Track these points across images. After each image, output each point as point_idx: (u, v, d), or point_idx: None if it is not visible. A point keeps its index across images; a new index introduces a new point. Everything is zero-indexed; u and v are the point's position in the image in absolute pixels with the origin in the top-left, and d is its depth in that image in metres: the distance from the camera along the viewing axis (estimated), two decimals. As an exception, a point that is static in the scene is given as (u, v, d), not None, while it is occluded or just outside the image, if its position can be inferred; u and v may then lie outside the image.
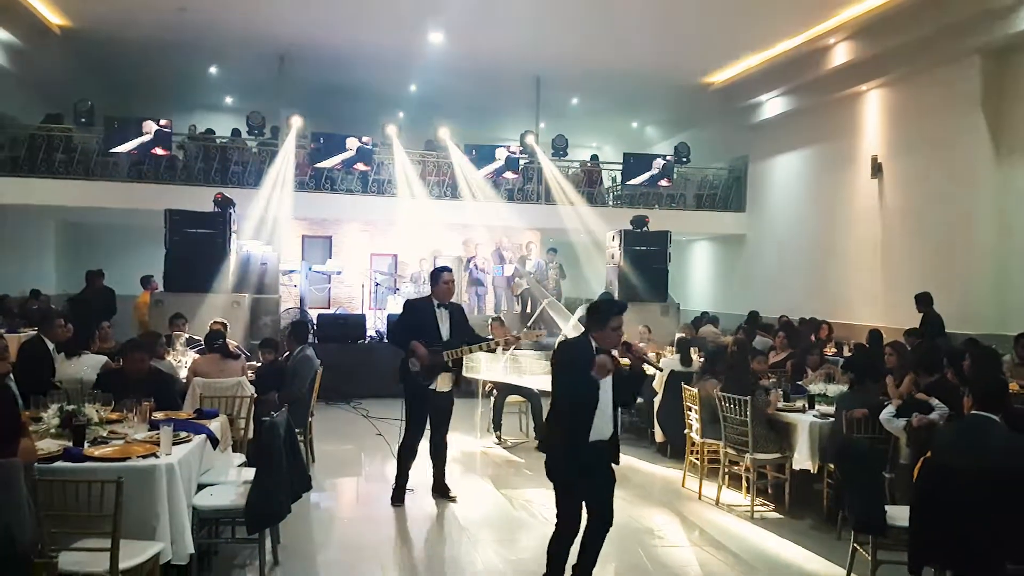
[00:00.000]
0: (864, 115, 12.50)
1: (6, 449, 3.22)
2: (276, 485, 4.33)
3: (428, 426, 6.02)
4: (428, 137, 15.01)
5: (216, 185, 12.63)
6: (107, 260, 12.80)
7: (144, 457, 3.92)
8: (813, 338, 10.83)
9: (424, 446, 6.05)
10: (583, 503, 4.01)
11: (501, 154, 14.37)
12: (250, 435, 5.77)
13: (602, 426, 3.95)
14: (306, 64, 13.82)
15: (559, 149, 15.19)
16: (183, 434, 4.38)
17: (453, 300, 6.12)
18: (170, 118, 13.35)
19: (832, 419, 5.58)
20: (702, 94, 15.59)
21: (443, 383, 5.88)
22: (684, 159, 15.72)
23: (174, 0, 11.22)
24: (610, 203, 15.99)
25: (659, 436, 7.87)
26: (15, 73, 11.90)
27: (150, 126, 12.81)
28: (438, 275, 6.03)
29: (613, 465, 4.09)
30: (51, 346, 6.50)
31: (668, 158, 15.23)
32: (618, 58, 13.58)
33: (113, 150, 12.80)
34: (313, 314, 11.85)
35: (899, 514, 4.08)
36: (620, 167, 15.61)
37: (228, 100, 17.18)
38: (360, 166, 13.68)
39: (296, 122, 13.26)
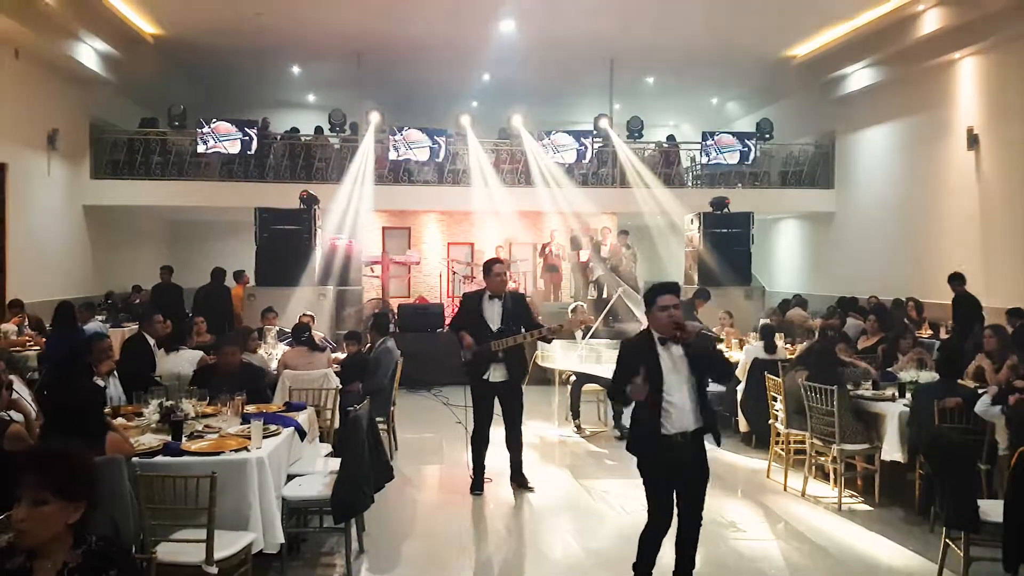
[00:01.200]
0: (957, 84, 11.79)
1: (95, 446, 3.45)
2: (360, 476, 4.50)
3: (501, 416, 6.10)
4: (502, 125, 15.04)
5: (301, 181, 13.07)
6: (205, 255, 13.52)
7: (237, 451, 4.13)
8: (907, 320, 10.40)
9: (500, 435, 6.13)
10: (672, 499, 3.87)
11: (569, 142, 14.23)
12: (336, 425, 5.99)
13: (681, 419, 3.75)
14: (383, 60, 14.07)
15: (634, 131, 14.95)
16: (273, 427, 4.60)
17: (520, 290, 6.16)
18: (257, 117, 13.88)
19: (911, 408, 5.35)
20: (784, 68, 15.03)
21: (496, 373, 5.91)
22: (767, 135, 15.23)
23: (253, 4, 11.63)
24: (689, 183, 15.66)
25: (743, 425, 7.71)
26: (112, 81, 12.61)
27: (236, 128, 13.33)
28: (489, 267, 6.06)
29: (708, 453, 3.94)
30: (152, 342, 6.90)
31: (748, 142, 14.67)
32: (694, 34, 13.24)
33: (207, 150, 13.39)
34: (394, 304, 12.12)
35: (994, 509, 3.90)
36: (698, 146, 15.23)
37: (311, 98, 17.66)
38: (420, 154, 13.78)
39: (374, 117, 13.55)
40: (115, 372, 5.48)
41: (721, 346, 8.87)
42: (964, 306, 9.07)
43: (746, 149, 14.70)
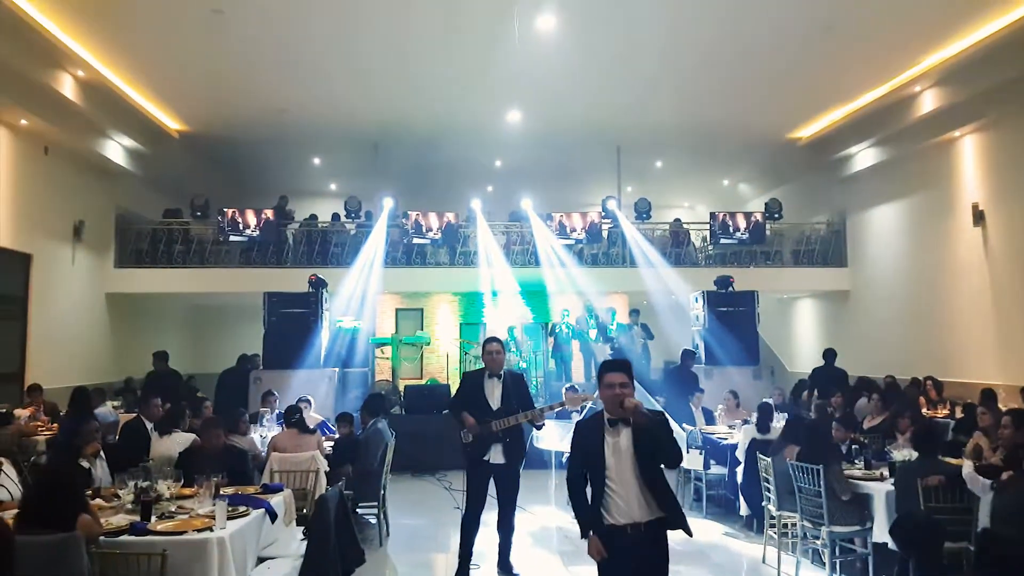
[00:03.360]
0: (960, 162, 11.87)
1: (66, 524, 3.54)
2: (326, 559, 4.49)
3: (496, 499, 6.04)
4: (513, 208, 15.42)
5: (318, 266, 13.41)
6: (224, 339, 13.80)
7: (200, 531, 4.16)
8: (923, 400, 10.16)
9: (494, 518, 6.05)
10: None
11: (578, 222, 14.53)
12: (319, 509, 5.98)
13: (628, 509, 3.50)
14: (398, 148, 14.64)
15: (642, 212, 15.20)
16: (242, 508, 4.63)
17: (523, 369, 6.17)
18: (276, 207, 14.42)
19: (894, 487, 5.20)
20: (791, 149, 15.31)
21: (495, 454, 5.86)
22: (776, 215, 15.35)
23: (277, 102, 12.30)
24: (702, 263, 15.74)
25: (744, 509, 7.53)
26: (138, 174, 13.24)
27: (256, 217, 13.85)
28: (484, 346, 6.11)
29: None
30: (149, 425, 7.04)
31: (755, 216, 14.87)
32: (699, 119, 13.62)
33: (228, 239, 13.89)
34: (403, 385, 12.19)
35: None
36: (707, 227, 15.39)
37: (332, 187, 18.31)
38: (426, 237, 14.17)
39: (388, 203, 14.00)
40: (102, 454, 5.58)
41: (719, 428, 8.76)
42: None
43: (755, 229, 14.80)
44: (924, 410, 9.71)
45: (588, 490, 3.66)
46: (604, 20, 9.65)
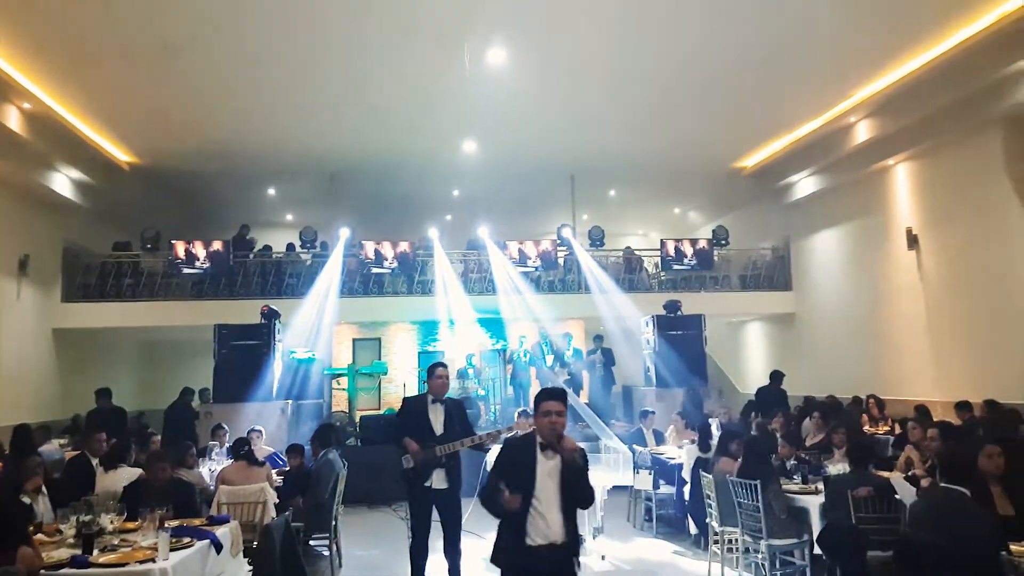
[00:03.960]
0: (894, 188, 12.40)
1: (3, 557, 3.53)
2: (271, 587, 4.50)
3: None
4: (471, 237, 15.58)
5: (272, 298, 13.33)
6: (176, 374, 13.58)
7: (142, 562, 4.16)
8: (866, 417, 10.50)
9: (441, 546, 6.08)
10: None
11: (532, 250, 14.80)
12: (268, 540, 5.96)
13: (548, 530, 3.62)
14: (355, 178, 14.71)
15: (596, 240, 15.49)
16: (186, 539, 4.63)
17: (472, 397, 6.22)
18: (228, 238, 14.35)
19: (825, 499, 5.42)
20: (737, 178, 15.79)
21: (438, 480, 5.86)
22: (723, 241, 15.78)
23: (229, 134, 12.29)
24: (654, 289, 16.06)
25: (692, 527, 7.68)
26: (86, 207, 13.07)
27: (206, 248, 13.77)
28: (432, 370, 6.07)
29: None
30: (94, 461, 6.94)
31: (702, 243, 15.28)
32: (649, 150, 13.99)
33: (179, 271, 13.78)
34: (359, 416, 12.16)
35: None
36: (659, 254, 15.74)
37: (289, 217, 18.26)
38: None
39: (344, 233, 14.05)
40: (43, 490, 5.51)
41: (670, 448, 8.95)
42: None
43: (703, 255, 15.21)
44: (867, 427, 10.05)
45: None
46: (553, 55, 9.94)
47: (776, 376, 11.73)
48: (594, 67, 10.37)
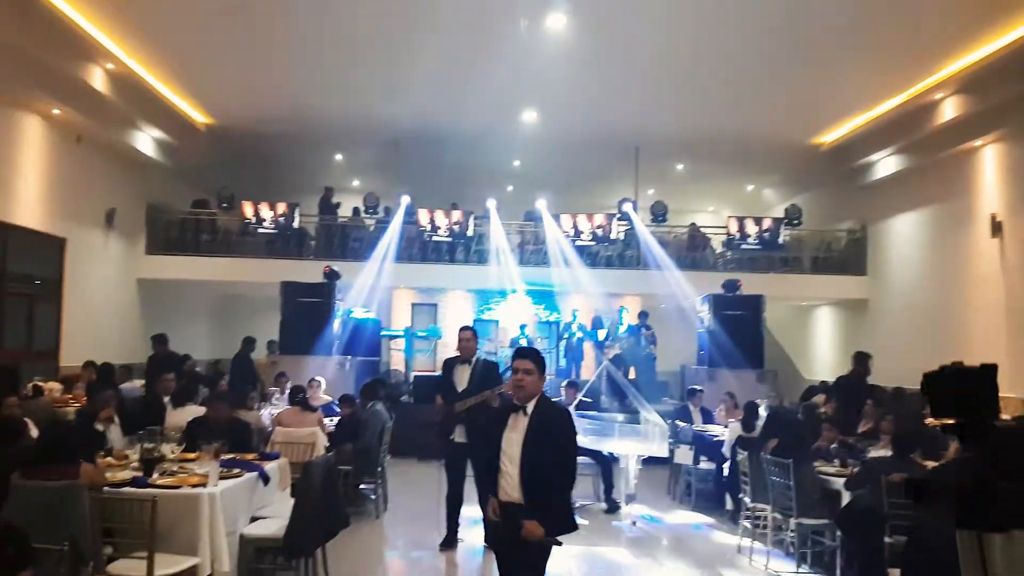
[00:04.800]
0: (980, 172, 11.83)
1: (68, 472, 3.95)
2: (309, 519, 4.82)
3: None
4: (530, 208, 15.68)
5: (336, 259, 13.83)
6: (249, 327, 14.25)
7: (194, 487, 4.54)
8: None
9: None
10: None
11: (588, 224, 14.80)
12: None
13: (509, 487, 3.67)
14: (418, 146, 14.94)
15: (658, 215, 15.36)
16: (236, 471, 5.00)
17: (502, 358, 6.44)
18: (300, 200, 14.92)
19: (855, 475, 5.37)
20: (813, 155, 15.27)
21: (459, 434, 6.23)
22: (795, 221, 15.39)
23: (301, 98, 12.72)
24: (720, 268, 15.82)
25: (729, 503, 7.73)
26: (167, 166, 13.80)
27: (281, 208, 14.38)
28: (459, 333, 6.49)
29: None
30: (166, 398, 7.48)
31: (765, 224, 14.90)
32: (719, 123, 13.62)
33: (254, 231, 14.45)
34: (413, 376, 12.57)
35: None
36: (724, 231, 15.48)
37: (355, 183, 18.74)
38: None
39: (405, 199, 14.39)
40: (116, 419, 6.01)
41: (717, 428, 8.94)
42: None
43: (771, 235, 14.89)
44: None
45: None
46: (617, 19, 9.70)
47: (861, 359, 10.89)
48: (661, 32, 10.03)
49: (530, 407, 3.69)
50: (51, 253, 11.19)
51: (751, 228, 14.99)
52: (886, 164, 14.06)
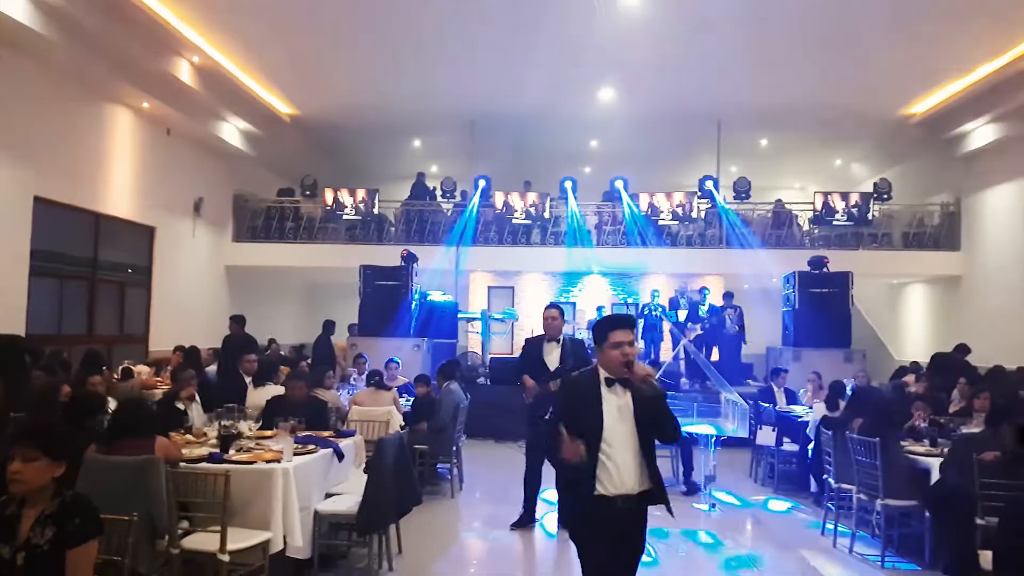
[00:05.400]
0: (1087, 138, 10.96)
1: (145, 445, 4.09)
2: (381, 496, 4.89)
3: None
4: (607, 188, 15.45)
5: (415, 244, 14.03)
6: (332, 311, 14.65)
7: (268, 462, 4.65)
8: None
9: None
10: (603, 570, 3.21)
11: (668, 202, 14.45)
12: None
13: (622, 478, 3.13)
14: (494, 130, 14.97)
15: (741, 192, 14.88)
16: (311, 447, 5.11)
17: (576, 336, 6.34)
18: (379, 186, 15.19)
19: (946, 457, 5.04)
20: (905, 126, 14.51)
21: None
22: (885, 196, 14.65)
23: (379, 86, 12.90)
24: (807, 245, 15.23)
25: (813, 485, 7.44)
26: (253, 156, 14.27)
27: (361, 194, 14.68)
28: (544, 312, 6.39)
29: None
30: (248, 379, 7.74)
31: (853, 200, 14.24)
32: (807, 94, 13.12)
33: (337, 218, 14.84)
34: (490, 358, 12.63)
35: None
36: (811, 207, 14.88)
37: (433, 168, 18.91)
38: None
39: (481, 183, 14.43)
40: (197, 398, 6.25)
41: (801, 408, 8.61)
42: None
43: (861, 210, 14.24)
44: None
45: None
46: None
47: (962, 349, 10.57)
48: (740, 2, 9.77)
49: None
50: (141, 241, 11.77)
51: (839, 203, 14.38)
52: (982, 133, 13.19)
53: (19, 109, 8.94)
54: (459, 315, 13.08)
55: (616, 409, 3.19)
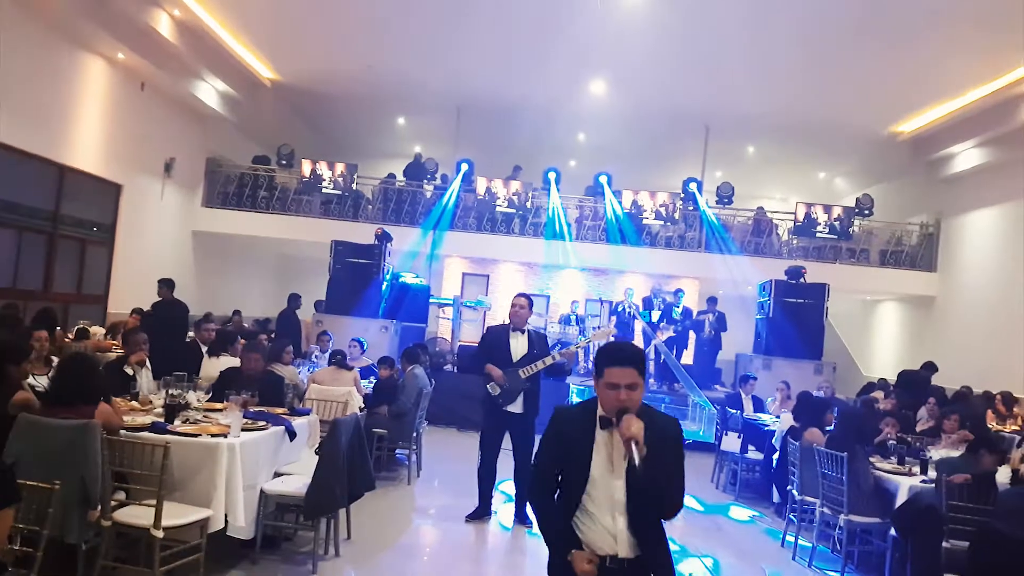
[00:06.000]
0: (1069, 169, 11.00)
1: (84, 410, 3.84)
2: (332, 479, 4.67)
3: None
4: (591, 183, 15.27)
5: (391, 224, 13.73)
6: (301, 285, 14.34)
7: (214, 436, 4.40)
8: (991, 414, 9.62)
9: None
10: None
11: (650, 201, 14.34)
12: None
13: (604, 537, 2.58)
14: (481, 115, 14.74)
15: (724, 197, 14.80)
16: (261, 423, 4.86)
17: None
18: (358, 162, 14.85)
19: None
20: (891, 144, 14.56)
21: (516, 404, 5.97)
22: (866, 212, 14.66)
23: (366, 58, 12.58)
24: (784, 255, 15.20)
25: (776, 496, 7.34)
26: (230, 119, 13.86)
27: (333, 170, 14.34)
28: (513, 300, 6.21)
29: None
30: (204, 348, 7.45)
31: (836, 213, 14.24)
32: (794, 107, 13.13)
33: (313, 190, 14.47)
34: (458, 346, 12.41)
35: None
36: (791, 217, 14.85)
37: (416, 149, 18.58)
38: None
39: (463, 167, 14.16)
40: (147, 364, 5.97)
41: (768, 417, 8.52)
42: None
43: (842, 224, 14.25)
44: (993, 423, 9.22)
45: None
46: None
47: (929, 366, 10.55)
48: (740, 6, 9.68)
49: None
50: (107, 199, 11.35)
51: (821, 216, 14.38)
52: (967, 157, 13.25)
53: (-17, 48, 8.52)
54: (431, 300, 12.83)
55: (607, 460, 2.58)
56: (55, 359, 5.52)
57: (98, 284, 11.25)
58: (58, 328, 8.21)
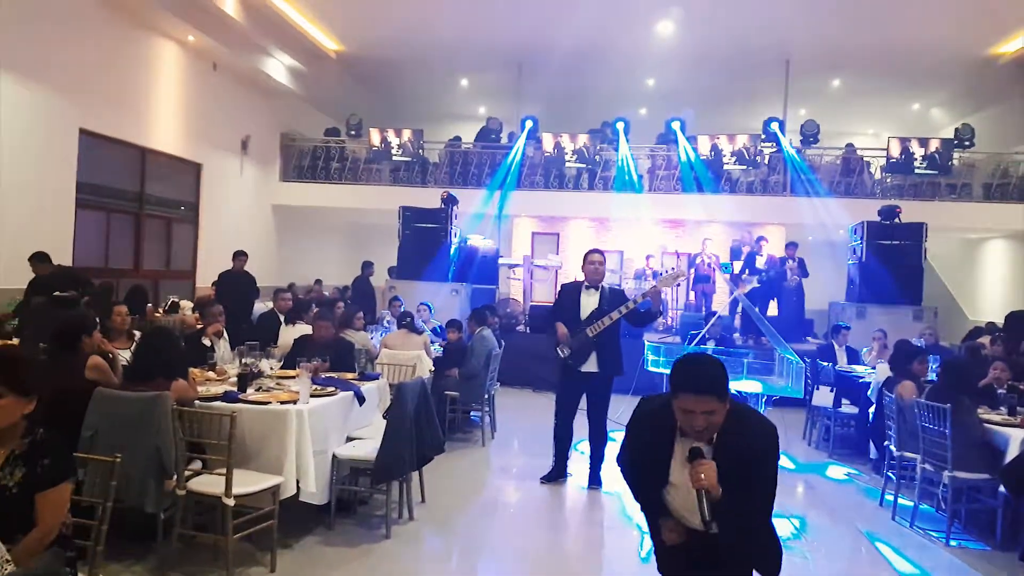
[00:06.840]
0: None
1: (163, 384, 3.91)
2: (400, 443, 4.63)
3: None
4: (663, 131, 14.70)
5: (458, 187, 13.64)
6: (375, 252, 14.50)
7: (283, 403, 4.41)
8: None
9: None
10: None
11: (725, 147, 13.67)
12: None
13: (694, 516, 2.38)
14: (543, 70, 14.33)
15: (809, 136, 13.97)
16: (330, 388, 4.86)
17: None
18: (423, 127, 14.78)
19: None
20: (991, 68, 13.39)
21: (590, 363, 5.77)
22: (967, 143, 13.57)
23: (427, 22, 12.38)
24: (878, 194, 14.30)
25: (873, 451, 6.92)
26: (299, 93, 14.00)
27: (407, 135, 14.31)
28: (586, 257, 5.96)
29: None
30: (282, 317, 7.59)
31: (932, 146, 13.22)
32: (884, 32, 12.17)
33: (383, 159, 14.53)
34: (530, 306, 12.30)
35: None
36: (883, 154, 13.91)
37: (481, 110, 18.36)
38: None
39: (528, 125, 13.88)
40: (224, 335, 6.07)
41: (863, 368, 8.03)
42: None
43: (940, 159, 13.24)
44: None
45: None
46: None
47: None
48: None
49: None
50: (188, 177, 11.69)
51: (917, 150, 13.39)
52: (1081, 75, 12.02)
53: (62, 39, 8.79)
54: (500, 261, 12.70)
55: (686, 468, 2.36)
56: (137, 333, 5.67)
57: (185, 260, 11.67)
58: (148, 304, 8.54)
